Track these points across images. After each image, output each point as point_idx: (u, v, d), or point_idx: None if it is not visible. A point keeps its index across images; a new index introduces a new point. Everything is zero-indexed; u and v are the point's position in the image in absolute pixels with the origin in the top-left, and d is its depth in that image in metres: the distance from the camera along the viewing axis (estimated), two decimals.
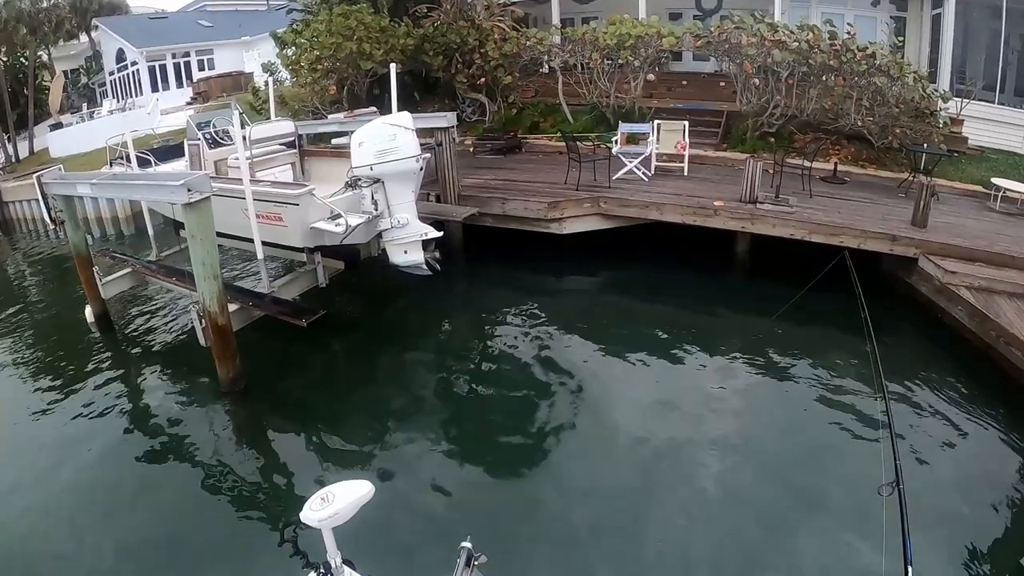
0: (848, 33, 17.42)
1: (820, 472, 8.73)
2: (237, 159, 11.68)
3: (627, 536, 7.86)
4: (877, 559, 5.14)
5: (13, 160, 37.17)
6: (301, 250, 12.56)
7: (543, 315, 13.53)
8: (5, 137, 37.68)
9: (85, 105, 43.44)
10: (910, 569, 4.39)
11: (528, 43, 21.13)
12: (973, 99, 18.67)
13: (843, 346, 11.27)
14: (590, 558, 7.63)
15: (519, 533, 7.91)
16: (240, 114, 12.75)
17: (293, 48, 22.71)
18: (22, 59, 41.32)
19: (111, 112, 36.02)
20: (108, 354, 13.55)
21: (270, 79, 19.39)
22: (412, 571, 6.71)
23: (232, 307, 11.08)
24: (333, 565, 4.52)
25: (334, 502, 4.31)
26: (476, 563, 4.30)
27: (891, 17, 21.79)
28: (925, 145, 16.62)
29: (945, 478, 8.57)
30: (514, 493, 8.83)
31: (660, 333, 12.55)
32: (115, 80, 45.33)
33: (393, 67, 13.14)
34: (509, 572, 6.76)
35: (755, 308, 12.63)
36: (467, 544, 4.34)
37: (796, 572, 7.37)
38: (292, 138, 15.18)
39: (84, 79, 51.17)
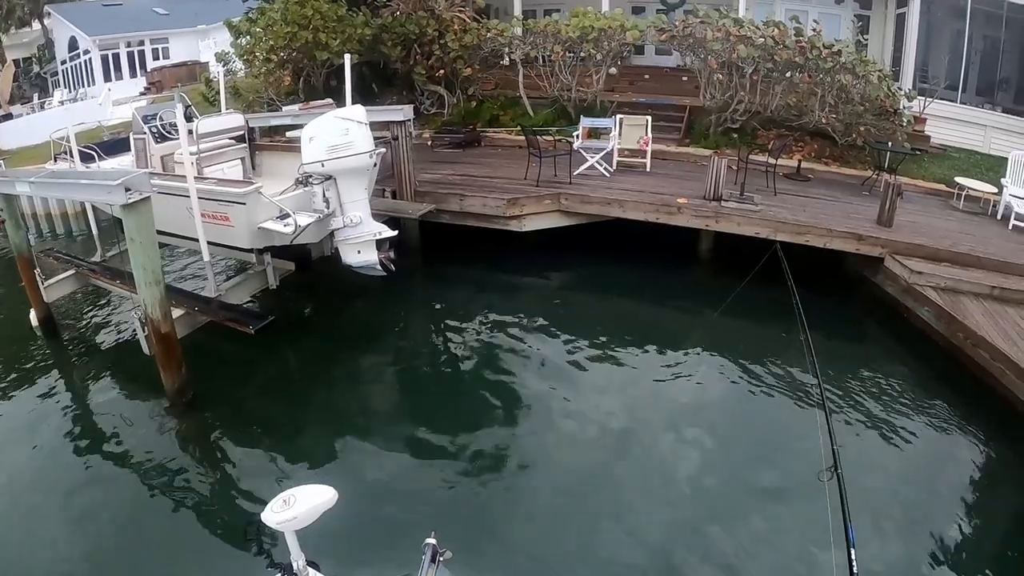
0: (814, 30, 17.26)
1: (769, 459, 9.04)
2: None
3: (586, 527, 8.06)
4: (824, 543, 5.20)
5: None
6: (250, 251, 12.10)
7: (501, 314, 13.27)
8: None
9: (36, 95, 42.42)
10: (852, 551, 4.48)
11: (489, 34, 20.78)
12: (936, 98, 18.62)
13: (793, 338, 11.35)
14: (553, 549, 7.76)
15: (482, 528, 8.01)
16: (188, 107, 12.27)
17: (248, 37, 22.11)
18: None
19: (62, 103, 35.28)
20: (52, 361, 13.01)
21: (221, 70, 18.81)
22: (378, 570, 6.67)
23: (176, 313, 10.61)
24: (296, 567, 4.42)
25: (295, 505, 4.20)
26: (441, 559, 4.27)
27: (855, 15, 21.70)
28: (889, 143, 16.51)
29: (897, 468, 8.98)
30: (476, 489, 8.84)
31: (619, 330, 12.43)
32: (67, 69, 44.31)
33: (348, 58, 12.70)
34: (474, 567, 6.83)
35: (715, 305, 12.42)
36: (431, 540, 4.30)
37: (745, 558, 7.55)
38: (242, 132, 14.63)
39: (36, 68, 50.03)
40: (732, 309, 11.13)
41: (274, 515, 4.20)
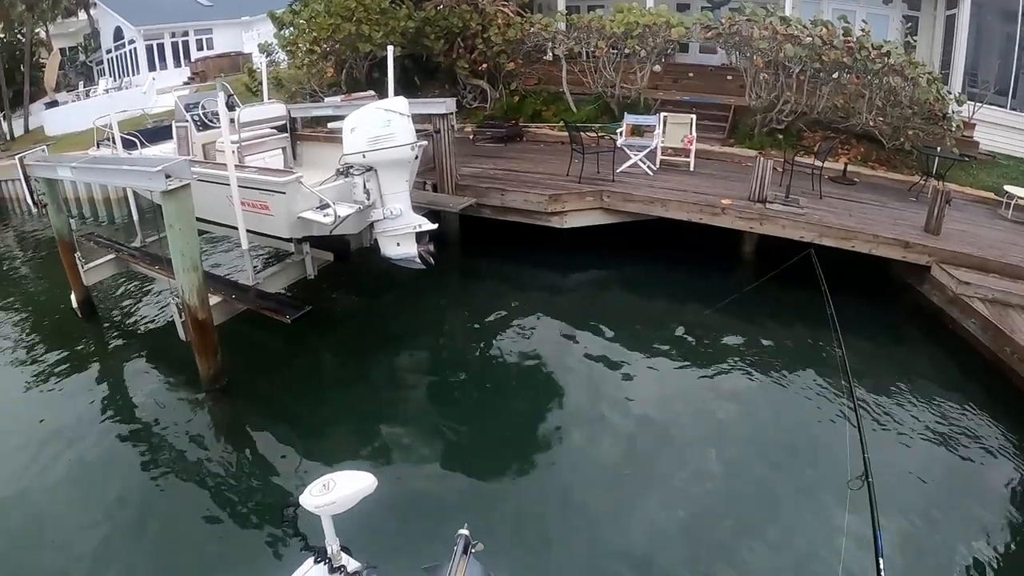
0: (863, 30, 16.94)
1: (800, 465, 8.88)
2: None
3: (618, 525, 8.03)
4: (852, 549, 5.31)
5: (8, 138, 36.72)
6: (289, 240, 12.08)
7: (539, 310, 13.19)
8: (0, 115, 37.19)
9: (82, 83, 42.97)
10: (881, 560, 4.45)
11: (532, 29, 20.69)
12: (985, 103, 18.23)
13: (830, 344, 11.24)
14: (584, 544, 7.74)
15: (516, 521, 8.01)
16: (230, 96, 12.25)
17: (291, 29, 22.19)
18: (19, 36, 40.78)
19: (107, 91, 35.65)
20: (90, 343, 13.23)
21: (264, 60, 18.86)
22: (409, 558, 6.48)
23: (214, 300, 10.63)
24: (330, 551, 4.43)
25: (334, 490, 4.21)
26: (473, 550, 4.15)
27: (903, 16, 21.32)
28: (938, 148, 16.16)
29: (932, 479, 8.71)
30: (510, 482, 8.84)
31: (656, 331, 12.26)
32: (112, 58, 44.92)
33: (391, 50, 12.63)
34: (506, 560, 6.73)
35: (755, 308, 12.26)
36: (464, 531, 4.18)
37: (773, 566, 7.45)
38: (284, 121, 14.64)
39: (82, 57, 50.75)
40: (773, 314, 10.98)
41: (313, 499, 4.20)
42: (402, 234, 11.65)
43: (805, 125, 18.32)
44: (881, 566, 4.43)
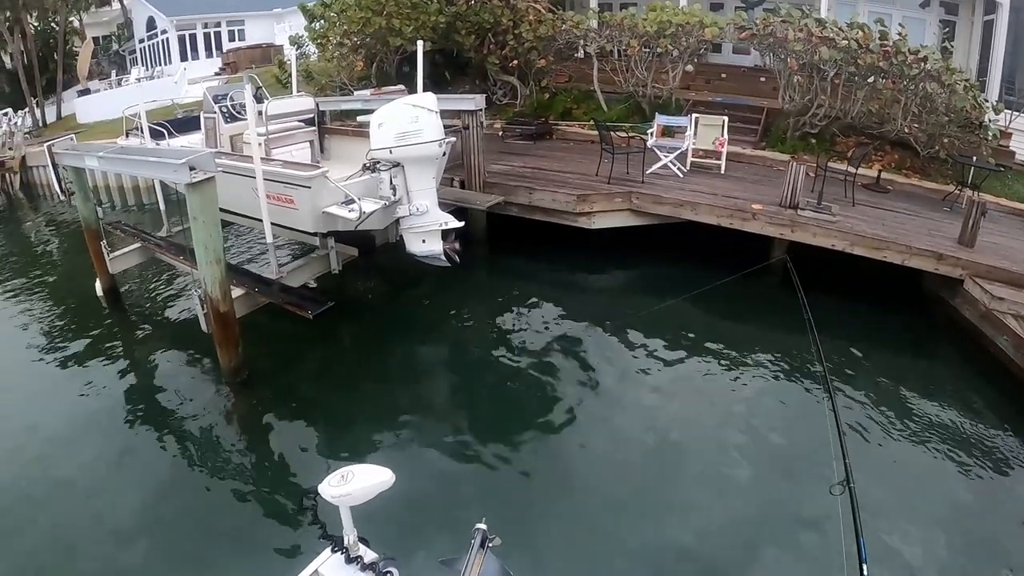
0: (899, 34, 16.63)
1: (789, 473, 8.75)
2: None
3: (630, 524, 8.02)
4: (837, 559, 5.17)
5: (40, 125, 37.07)
6: (314, 234, 12.02)
7: (562, 310, 13.12)
8: (33, 102, 37.59)
9: (114, 72, 43.28)
10: (864, 567, 4.47)
11: (564, 26, 20.54)
12: (1023, 112, 17.83)
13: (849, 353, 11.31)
14: (601, 542, 7.75)
15: (534, 517, 8.02)
16: (258, 88, 12.20)
17: (322, 21, 22.20)
18: (53, 24, 41.15)
19: (139, 80, 35.88)
20: (114, 331, 13.35)
21: (294, 52, 18.85)
22: (427, 551, 6.52)
23: (236, 292, 10.62)
24: (347, 541, 4.42)
25: (352, 482, 4.19)
26: (490, 545, 4.11)
27: (940, 21, 20.94)
28: (974, 158, 15.77)
29: (942, 492, 8.58)
30: (528, 479, 8.85)
31: (675, 335, 12.14)
32: (145, 48, 45.24)
33: (421, 45, 12.55)
34: (523, 555, 6.96)
35: (779, 316, 12.01)
36: (482, 526, 4.14)
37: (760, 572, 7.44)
38: (312, 115, 14.59)
39: (115, 46, 51.18)
40: (792, 325, 10.78)
41: (331, 488, 4.19)
42: (428, 231, 11.61)
43: (839, 130, 18.00)
44: (865, 572, 4.43)
